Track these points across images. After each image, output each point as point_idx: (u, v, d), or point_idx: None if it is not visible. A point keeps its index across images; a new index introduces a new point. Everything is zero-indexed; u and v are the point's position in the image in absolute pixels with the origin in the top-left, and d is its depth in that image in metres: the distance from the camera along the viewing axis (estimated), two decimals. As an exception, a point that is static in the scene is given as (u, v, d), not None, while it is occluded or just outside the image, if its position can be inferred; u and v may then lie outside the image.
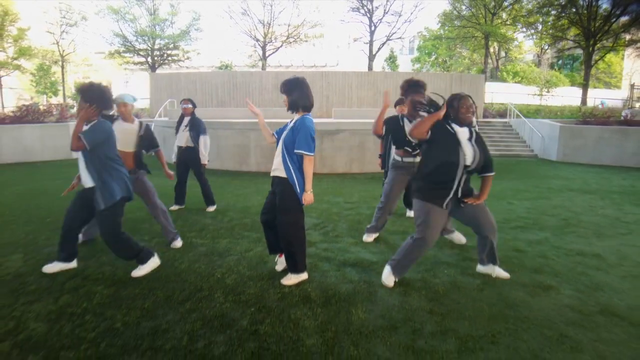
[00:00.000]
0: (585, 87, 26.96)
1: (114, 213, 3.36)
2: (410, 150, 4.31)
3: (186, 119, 5.79)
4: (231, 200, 6.45)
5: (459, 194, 3.12)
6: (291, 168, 3.15)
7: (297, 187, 3.14)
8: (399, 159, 4.39)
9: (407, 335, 2.57)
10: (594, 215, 5.77)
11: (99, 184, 3.31)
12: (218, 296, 3.12)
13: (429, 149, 3.13)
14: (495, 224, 3.32)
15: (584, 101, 26.17)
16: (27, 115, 13.62)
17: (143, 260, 3.54)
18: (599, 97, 31.60)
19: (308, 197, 3.15)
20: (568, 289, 3.30)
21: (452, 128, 3.07)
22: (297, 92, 3.24)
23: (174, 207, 5.89)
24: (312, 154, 3.12)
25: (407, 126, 4.25)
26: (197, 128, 5.72)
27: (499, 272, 3.48)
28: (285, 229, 3.23)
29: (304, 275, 3.38)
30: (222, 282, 3.38)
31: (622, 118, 14.89)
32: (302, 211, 3.26)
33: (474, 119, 3.13)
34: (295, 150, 3.12)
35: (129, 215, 5.52)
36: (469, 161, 3.02)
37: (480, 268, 3.57)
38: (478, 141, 3.09)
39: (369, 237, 4.49)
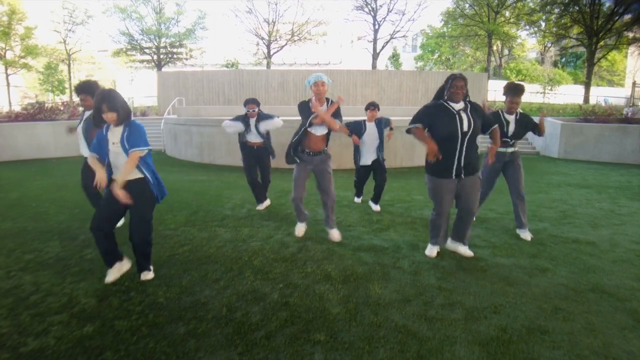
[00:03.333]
0: (587, 85, 27.20)
1: None
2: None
3: (252, 120, 5.61)
4: (246, 194, 6.78)
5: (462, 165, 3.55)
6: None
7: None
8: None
9: (419, 306, 2.93)
10: (590, 208, 6.11)
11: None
12: (248, 275, 3.48)
13: (432, 127, 3.57)
14: (476, 207, 3.85)
15: (586, 99, 26.41)
16: (39, 113, 14.01)
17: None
18: (602, 95, 31.81)
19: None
20: (563, 270, 3.64)
21: (450, 106, 3.54)
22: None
23: (261, 207, 5.85)
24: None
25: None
26: (266, 119, 5.60)
27: (464, 250, 3.94)
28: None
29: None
30: (249, 263, 3.74)
31: (623, 116, 15.17)
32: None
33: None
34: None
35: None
36: (465, 128, 3.48)
37: (449, 244, 4.03)
38: (472, 110, 3.55)
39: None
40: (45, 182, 8.08)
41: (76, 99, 29.53)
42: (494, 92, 26.77)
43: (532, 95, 28.99)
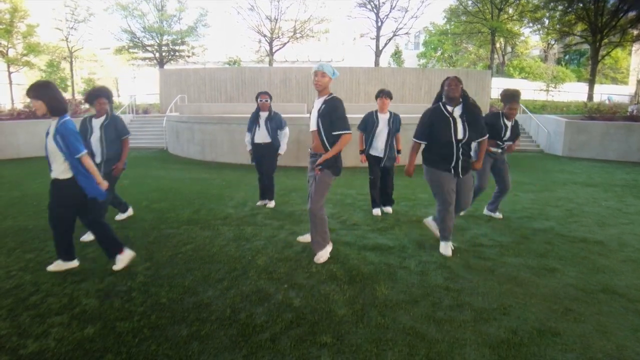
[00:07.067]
0: (591, 82, 27.03)
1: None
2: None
3: (263, 114, 5.66)
4: (249, 192, 6.75)
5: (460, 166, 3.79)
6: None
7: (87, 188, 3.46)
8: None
9: (427, 308, 2.87)
10: (596, 206, 6.03)
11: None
12: (252, 275, 3.42)
13: (431, 132, 3.82)
14: (469, 205, 4.11)
15: (590, 97, 26.25)
16: (42, 111, 13.95)
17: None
18: (606, 92, 31.65)
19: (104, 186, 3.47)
20: (572, 271, 3.58)
21: (446, 111, 3.76)
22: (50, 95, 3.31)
23: (260, 203, 5.92)
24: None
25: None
26: (277, 122, 5.69)
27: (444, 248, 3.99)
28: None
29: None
30: (253, 263, 3.68)
31: (628, 113, 15.06)
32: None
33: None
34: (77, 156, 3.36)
35: (154, 206, 5.83)
36: (460, 136, 3.71)
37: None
38: (469, 117, 3.73)
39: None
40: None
41: (78, 97, 29.60)
42: (497, 90, 26.63)
43: (535, 92, 28.82)
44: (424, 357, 2.32)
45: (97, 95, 4.50)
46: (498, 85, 27.45)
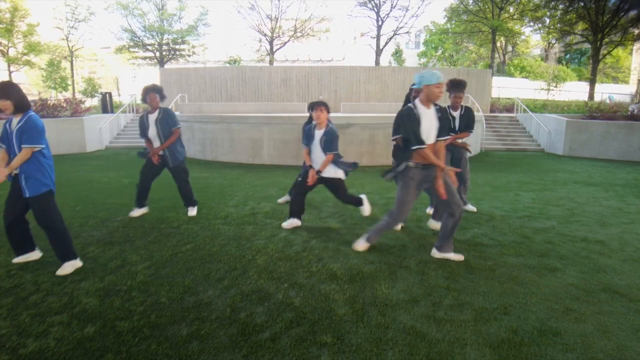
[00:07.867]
0: (592, 82, 27.01)
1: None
2: None
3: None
4: (249, 191, 6.76)
5: None
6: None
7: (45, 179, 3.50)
8: None
9: (427, 307, 2.86)
10: (597, 206, 6.02)
11: None
12: (252, 274, 3.42)
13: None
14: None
15: (591, 96, 26.21)
16: (42, 110, 13.97)
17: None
18: (607, 92, 31.60)
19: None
20: (573, 270, 3.57)
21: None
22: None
23: (282, 200, 6.01)
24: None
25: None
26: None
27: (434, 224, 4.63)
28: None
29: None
30: (253, 262, 3.68)
31: (629, 113, 15.03)
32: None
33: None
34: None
35: (154, 205, 5.82)
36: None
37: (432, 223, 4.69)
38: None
39: None
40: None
41: (78, 96, 29.62)
42: (498, 89, 26.60)
43: (536, 92, 28.78)
44: (424, 357, 2.32)
45: (149, 91, 4.93)
46: (499, 85, 27.43)
